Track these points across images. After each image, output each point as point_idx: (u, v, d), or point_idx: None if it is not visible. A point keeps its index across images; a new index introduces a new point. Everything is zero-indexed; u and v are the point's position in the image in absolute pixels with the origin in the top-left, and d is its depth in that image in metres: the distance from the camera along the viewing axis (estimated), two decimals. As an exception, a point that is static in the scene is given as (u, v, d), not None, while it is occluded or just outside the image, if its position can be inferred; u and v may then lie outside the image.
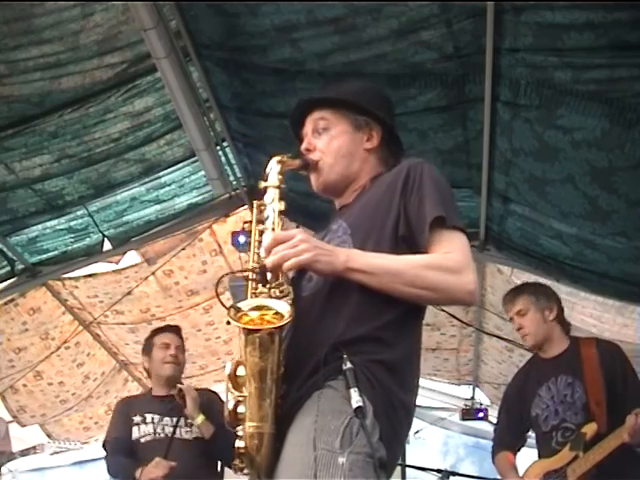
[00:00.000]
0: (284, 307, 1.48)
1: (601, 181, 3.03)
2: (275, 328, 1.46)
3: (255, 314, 1.49)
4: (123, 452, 3.24)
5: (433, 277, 1.54)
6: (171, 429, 3.23)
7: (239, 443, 1.49)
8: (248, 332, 1.46)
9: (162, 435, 3.24)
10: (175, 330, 3.65)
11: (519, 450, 3.32)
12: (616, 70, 2.54)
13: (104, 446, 3.39)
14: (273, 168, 1.75)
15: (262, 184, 1.74)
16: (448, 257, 1.57)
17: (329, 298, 1.59)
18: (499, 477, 3.35)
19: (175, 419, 3.25)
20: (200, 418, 3.21)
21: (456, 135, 3.48)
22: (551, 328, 3.18)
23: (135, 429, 3.27)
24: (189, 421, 3.27)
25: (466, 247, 1.63)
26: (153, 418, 3.29)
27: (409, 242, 1.61)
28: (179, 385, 3.33)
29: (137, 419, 3.29)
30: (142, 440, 3.24)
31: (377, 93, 1.97)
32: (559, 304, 3.26)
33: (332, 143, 1.80)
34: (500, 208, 3.89)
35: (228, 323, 1.47)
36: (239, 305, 1.51)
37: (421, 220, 1.61)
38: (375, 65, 3.18)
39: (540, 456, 3.16)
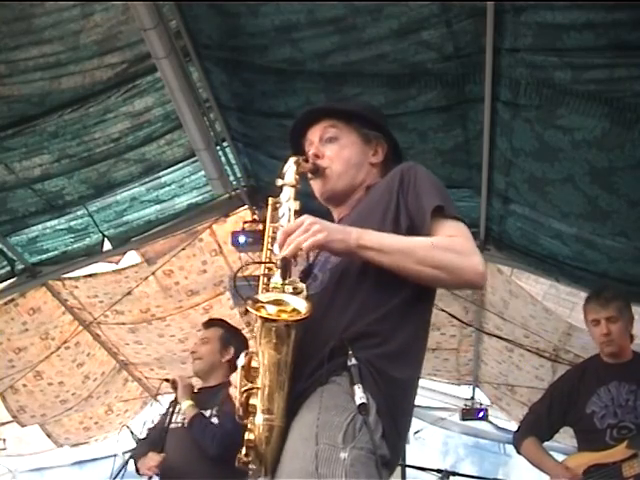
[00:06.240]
0: (302, 304, 1.48)
1: (601, 181, 3.03)
2: (294, 321, 1.46)
3: (273, 309, 1.48)
4: (151, 437, 3.34)
5: (443, 256, 1.56)
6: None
7: (249, 435, 1.47)
8: (265, 320, 1.46)
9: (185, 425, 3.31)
10: (204, 324, 3.72)
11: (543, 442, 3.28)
12: (616, 70, 2.54)
13: None
14: (291, 167, 1.76)
15: (279, 182, 1.75)
16: (456, 240, 1.60)
17: (335, 296, 1.60)
18: (499, 477, 3.32)
19: (209, 411, 3.26)
20: (186, 403, 3.25)
21: (456, 135, 3.48)
22: (628, 339, 3.18)
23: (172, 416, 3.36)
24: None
25: (469, 233, 1.66)
26: None
27: (412, 234, 1.62)
28: (172, 376, 3.44)
29: (178, 408, 3.38)
30: (169, 427, 3.30)
31: (380, 113, 2.04)
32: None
33: (343, 152, 1.83)
34: (500, 208, 3.89)
35: (246, 312, 1.47)
36: (258, 297, 1.51)
37: (421, 211, 1.63)
38: (375, 65, 3.18)
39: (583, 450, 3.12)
